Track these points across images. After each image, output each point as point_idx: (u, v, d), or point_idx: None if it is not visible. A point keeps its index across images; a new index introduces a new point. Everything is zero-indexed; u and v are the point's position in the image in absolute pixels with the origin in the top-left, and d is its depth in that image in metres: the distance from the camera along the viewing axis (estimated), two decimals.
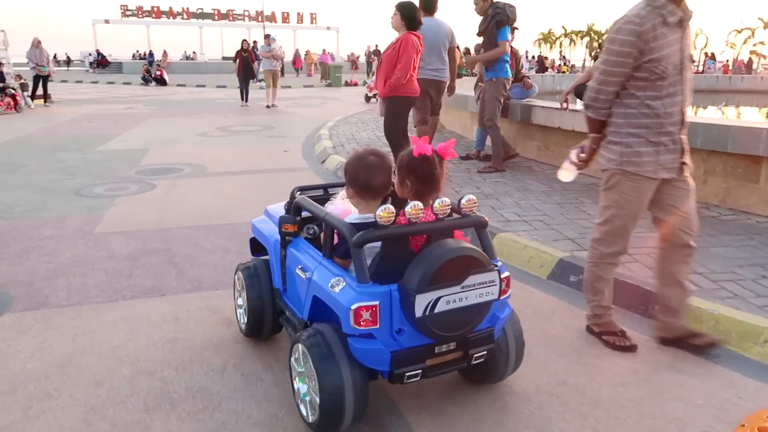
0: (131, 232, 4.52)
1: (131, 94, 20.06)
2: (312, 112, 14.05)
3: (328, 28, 58.03)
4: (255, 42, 31.51)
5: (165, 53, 38.51)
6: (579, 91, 5.67)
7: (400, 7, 5.40)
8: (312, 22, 56.22)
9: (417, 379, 2.04)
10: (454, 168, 6.46)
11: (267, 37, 14.19)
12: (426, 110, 6.40)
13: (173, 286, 3.48)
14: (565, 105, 5.86)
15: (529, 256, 3.82)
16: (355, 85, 26.91)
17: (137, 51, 51.31)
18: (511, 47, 7.10)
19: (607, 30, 2.87)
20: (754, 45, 49.51)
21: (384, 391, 2.39)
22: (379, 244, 2.02)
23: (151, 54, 40.05)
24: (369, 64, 33.74)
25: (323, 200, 2.55)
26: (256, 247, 2.88)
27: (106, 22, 50.59)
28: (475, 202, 2.14)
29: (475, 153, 7.05)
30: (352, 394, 1.98)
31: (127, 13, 50.11)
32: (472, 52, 15.42)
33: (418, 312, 1.89)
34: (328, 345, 2.01)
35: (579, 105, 5.95)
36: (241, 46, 14.86)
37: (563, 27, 57.30)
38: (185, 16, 50.88)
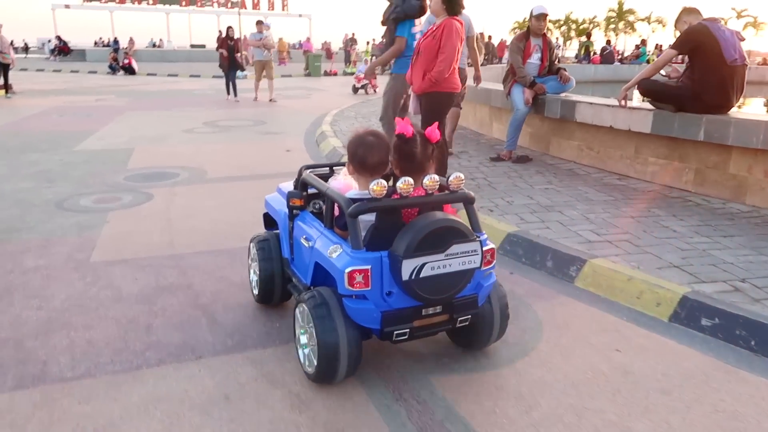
0: (136, 260, 3.70)
1: (100, 84, 18.79)
2: (300, 105, 13.19)
3: (300, 16, 56.64)
4: (229, 28, 30.48)
5: (131, 40, 36.70)
6: (644, 87, 5.02)
7: None
8: (283, 9, 54.74)
9: (405, 338, 2.26)
10: (490, 172, 5.77)
11: (260, 23, 12.97)
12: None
13: (209, 343, 2.70)
14: (623, 102, 5.20)
15: (639, 291, 3.15)
16: (335, 74, 26.03)
17: (100, 38, 49.14)
18: (545, 35, 6.45)
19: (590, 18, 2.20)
20: None
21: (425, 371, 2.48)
22: (374, 216, 2.23)
23: (116, 41, 38.19)
24: (347, 52, 32.76)
25: (328, 178, 2.73)
26: (269, 221, 3.14)
27: (67, 7, 48.27)
28: (462, 179, 2.29)
29: (507, 153, 6.36)
30: (346, 349, 2.18)
31: None
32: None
33: (405, 276, 2.07)
34: (327, 305, 2.21)
35: (636, 102, 5.31)
36: (227, 34, 13.61)
37: None
38: (151, 2, 48.84)
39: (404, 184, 2.11)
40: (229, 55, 13.26)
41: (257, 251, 2.95)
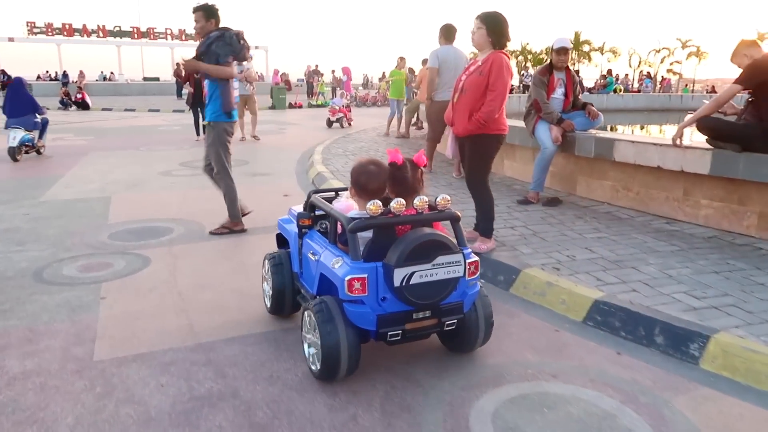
0: (155, 356, 2.93)
1: (53, 121, 17.49)
2: (277, 141, 12.48)
3: (257, 47, 55.97)
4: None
5: (81, 74, 35.33)
6: (705, 125, 4.60)
7: (488, 20, 4.15)
8: None
9: (398, 338, 2.54)
10: (526, 218, 5.23)
11: None
12: (441, 131, 7.17)
13: None
14: (679, 141, 4.76)
15: None
16: (300, 107, 25.41)
17: (47, 71, 47.21)
18: (568, 69, 6.05)
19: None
20: (671, 64, 52.26)
21: None
22: (372, 232, 2.55)
23: (65, 75, 36.74)
24: (309, 84, 32.30)
25: (334, 201, 2.99)
26: (281, 241, 3.50)
27: (10, 40, 46.21)
28: (449, 200, 2.62)
29: (534, 195, 5.86)
30: (346, 350, 2.47)
31: (35, 30, 46.01)
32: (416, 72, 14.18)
33: (396, 283, 2.39)
34: (329, 310, 2.51)
35: (687, 140, 4.90)
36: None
37: None
38: (101, 34, 47.38)
39: (397, 204, 2.47)
40: (197, 91, 12.17)
41: (270, 267, 3.28)
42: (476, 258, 2.67)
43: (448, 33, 7.26)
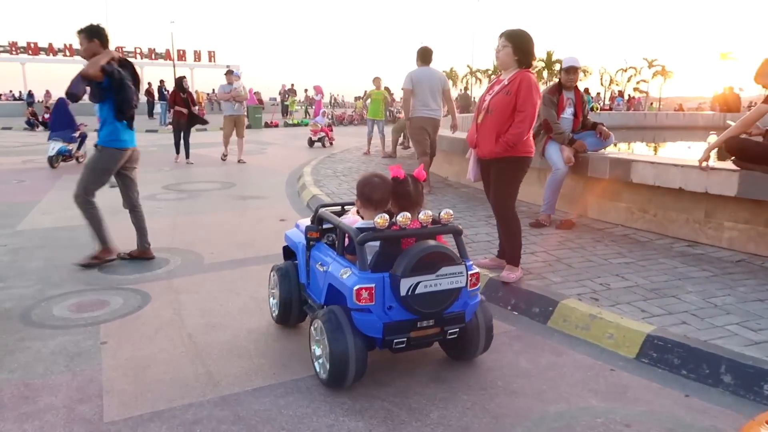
0: (174, 413, 2.56)
1: (21, 143, 16.90)
2: (261, 161, 12.12)
3: (228, 67, 55.51)
4: (182, 79, 28.84)
5: (48, 93, 34.37)
6: (733, 146, 4.46)
7: (514, 38, 3.95)
8: (210, 60, 53.57)
9: (403, 346, 2.66)
10: (544, 243, 5.01)
11: (229, 73, 11.59)
12: (426, 144, 7.53)
13: None
14: (705, 163, 4.61)
15: None
16: (276, 126, 25.07)
17: (10, 91, 45.92)
18: (576, 88, 5.90)
19: None
20: (638, 83, 53.55)
21: None
22: (378, 244, 2.70)
23: (30, 94, 35.67)
24: (284, 104, 32.02)
25: (340, 214, 3.25)
26: (288, 253, 3.60)
27: None
28: (451, 215, 2.79)
29: (546, 218, 5.66)
30: (354, 357, 2.58)
31: None
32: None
33: (402, 292, 2.52)
34: (338, 319, 2.62)
35: (712, 161, 4.75)
36: (180, 85, 11.53)
37: (468, 66, 58.62)
38: (68, 53, 46.27)
39: (403, 218, 2.59)
40: (187, 111, 11.31)
41: (278, 278, 3.39)
42: (477, 270, 2.83)
43: (424, 55, 7.58)
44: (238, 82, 11.25)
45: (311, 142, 15.56)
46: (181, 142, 11.77)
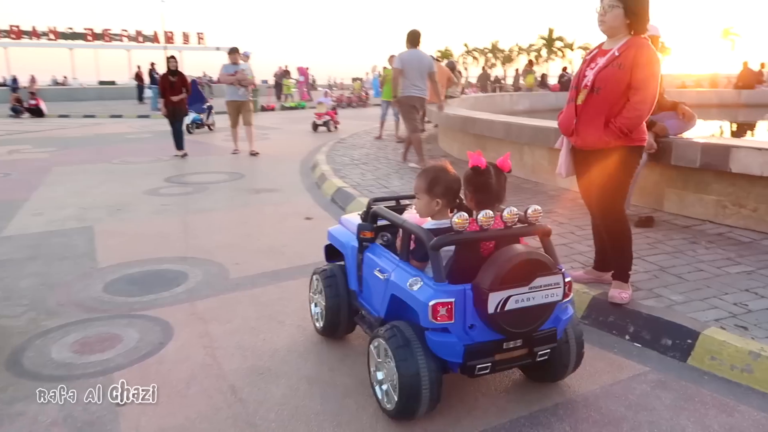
0: None
1: (5, 131, 15.85)
2: (266, 148, 11.17)
3: (218, 49, 54.06)
4: (153, 65, 27.69)
5: (33, 78, 33.09)
6: None
7: None
8: (199, 43, 52.14)
9: (487, 371, 2.23)
10: (650, 247, 4.22)
11: (234, 52, 10.00)
12: (417, 121, 7.97)
13: None
14: None
15: None
16: (272, 109, 24.00)
17: None
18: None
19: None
20: None
21: None
22: (451, 249, 2.24)
23: (14, 80, 34.28)
24: (279, 85, 30.89)
25: (396, 210, 2.73)
26: (331, 253, 3.10)
27: None
28: (540, 212, 2.30)
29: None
30: (428, 383, 2.15)
31: None
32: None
33: (491, 309, 2.09)
34: (406, 339, 2.19)
35: None
36: (168, 67, 9.93)
37: (465, 45, 57.31)
38: (52, 37, 44.74)
39: (485, 216, 2.15)
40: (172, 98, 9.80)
41: (324, 284, 2.93)
42: (570, 277, 2.35)
43: (412, 38, 7.89)
44: (246, 63, 10.12)
45: (315, 126, 14.66)
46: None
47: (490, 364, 2.21)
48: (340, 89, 44.26)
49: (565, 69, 23.60)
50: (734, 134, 14.42)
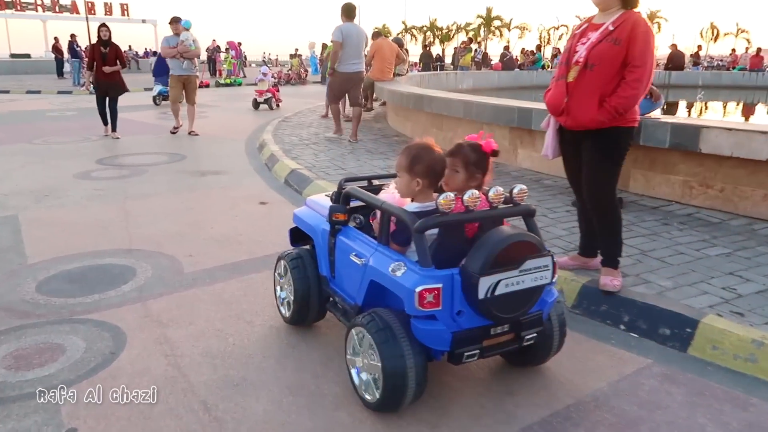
0: None
1: None
2: (205, 127, 10.45)
3: (144, 21, 51.25)
4: (73, 36, 25.69)
5: None
6: None
7: None
8: (123, 14, 49.08)
9: (475, 359, 2.14)
10: (625, 229, 4.12)
11: (175, 22, 9.08)
12: (342, 97, 8.40)
13: None
14: None
15: None
16: (207, 86, 22.91)
17: None
18: None
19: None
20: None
21: None
22: (434, 231, 2.12)
23: None
24: (212, 60, 29.59)
25: (369, 191, 2.59)
26: (296, 237, 2.95)
27: None
28: (525, 192, 2.24)
29: None
30: (414, 373, 2.04)
31: None
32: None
33: (481, 294, 1.98)
34: (390, 327, 2.06)
35: None
36: (99, 37, 8.88)
37: (404, 22, 56.84)
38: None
39: (471, 197, 2.06)
40: (99, 71, 8.79)
41: (292, 269, 2.76)
42: (556, 259, 2.22)
43: (348, 11, 7.87)
44: (187, 33, 9.37)
45: (256, 104, 14.03)
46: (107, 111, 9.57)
47: (477, 351, 2.12)
48: (275, 66, 42.99)
49: (507, 48, 23.69)
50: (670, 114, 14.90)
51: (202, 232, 4.47)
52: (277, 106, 14.25)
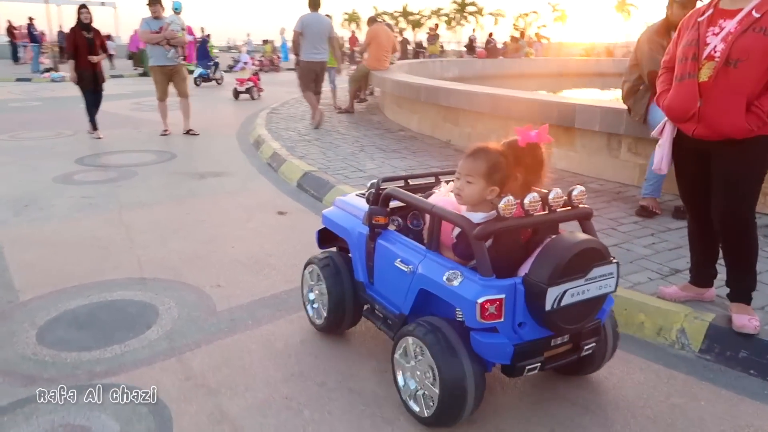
0: None
1: None
2: (198, 117, 9.70)
3: (103, 4, 48.86)
4: (31, 20, 24.05)
5: None
6: None
7: None
8: None
9: (536, 371, 2.04)
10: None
11: (155, 3, 7.80)
12: (311, 85, 8.33)
13: None
14: None
15: None
16: None
17: None
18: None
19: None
20: (539, 27, 53.66)
21: None
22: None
23: None
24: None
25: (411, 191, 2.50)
26: (325, 239, 2.83)
27: None
28: (585, 194, 2.12)
29: (654, 203, 4.31)
30: (473, 384, 1.95)
31: None
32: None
33: (548, 305, 1.88)
34: (447, 339, 1.97)
35: None
36: (79, 19, 7.59)
37: (375, 8, 55.70)
38: None
39: (533, 200, 1.95)
40: (84, 56, 7.57)
41: (325, 275, 2.61)
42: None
43: (313, 1, 8.17)
44: (175, 16, 8.44)
45: (237, 94, 13.22)
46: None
47: (539, 363, 2.02)
48: (239, 53, 41.41)
49: (491, 35, 23.20)
50: None
51: (223, 252, 3.82)
52: (259, 95, 13.47)
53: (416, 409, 2.10)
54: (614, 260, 2.04)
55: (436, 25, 28.35)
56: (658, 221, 4.14)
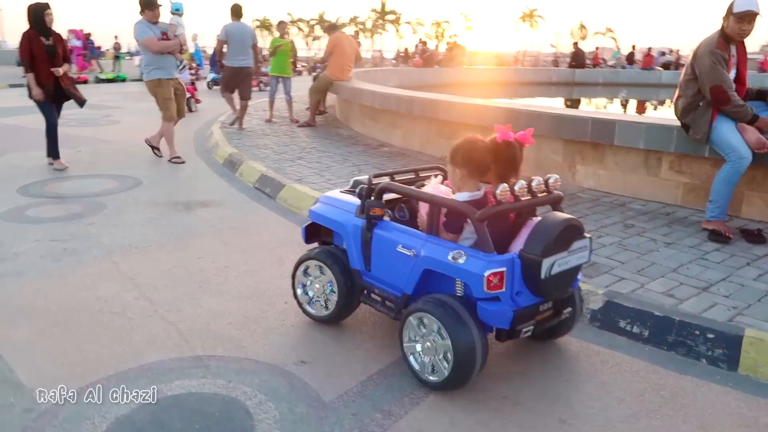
0: None
1: None
2: (127, 136, 8.58)
3: None
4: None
5: None
6: None
7: None
8: None
9: (529, 333, 2.36)
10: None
11: (155, 6, 6.43)
12: (233, 88, 8.86)
13: None
14: None
15: None
16: (85, 81, 19.88)
17: None
18: (742, 43, 4.28)
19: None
20: (451, 36, 54.74)
21: None
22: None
23: None
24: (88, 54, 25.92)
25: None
26: (312, 234, 3.06)
27: None
28: (559, 181, 2.49)
29: (724, 227, 4.06)
30: (480, 349, 2.25)
31: None
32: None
33: (543, 274, 2.20)
34: (455, 310, 2.26)
35: None
36: (40, 21, 6.01)
37: (289, 14, 54.43)
38: None
39: (521, 187, 2.29)
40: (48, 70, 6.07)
41: (331, 265, 2.78)
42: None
43: (236, 11, 8.74)
44: (178, 19, 6.80)
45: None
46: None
47: (532, 326, 2.34)
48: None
49: (425, 43, 23.05)
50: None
51: (278, 311, 3.09)
52: (196, 107, 12.37)
53: (433, 379, 2.34)
54: (588, 235, 2.38)
55: (357, 33, 28.00)
56: (739, 247, 3.87)
